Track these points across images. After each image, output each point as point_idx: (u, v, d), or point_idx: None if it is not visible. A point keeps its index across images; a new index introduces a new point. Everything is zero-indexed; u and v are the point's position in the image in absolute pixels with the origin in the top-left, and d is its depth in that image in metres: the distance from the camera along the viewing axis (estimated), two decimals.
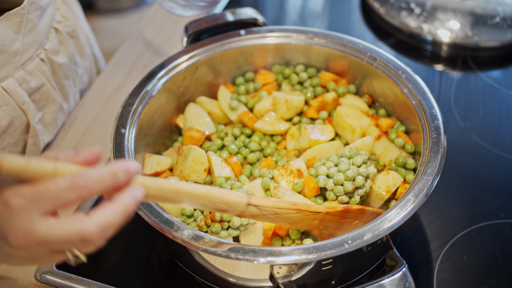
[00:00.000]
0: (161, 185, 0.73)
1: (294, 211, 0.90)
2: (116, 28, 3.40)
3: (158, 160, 1.09)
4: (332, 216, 0.93)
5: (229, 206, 0.82)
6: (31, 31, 1.10)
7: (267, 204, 0.87)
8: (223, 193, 0.81)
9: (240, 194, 0.84)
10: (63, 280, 1.04)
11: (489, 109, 1.34)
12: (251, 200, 0.84)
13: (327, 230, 0.95)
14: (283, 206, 0.89)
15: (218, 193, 0.80)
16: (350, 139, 1.13)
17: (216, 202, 0.80)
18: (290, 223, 0.91)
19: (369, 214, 0.96)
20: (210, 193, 0.79)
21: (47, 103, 1.21)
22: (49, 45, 1.18)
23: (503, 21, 1.49)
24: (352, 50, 1.16)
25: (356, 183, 0.99)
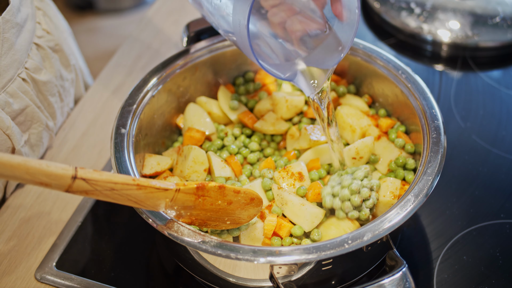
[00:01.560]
0: None
1: (134, 187, 0.81)
2: (116, 28, 3.40)
3: (158, 160, 1.09)
4: (186, 195, 0.85)
5: (51, 179, 0.74)
6: (8, 50, 1.04)
7: (100, 178, 0.78)
8: (43, 164, 0.73)
9: (65, 166, 0.75)
10: (63, 280, 1.04)
11: (489, 109, 1.34)
12: (77, 173, 0.76)
13: (187, 211, 0.88)
14: (120, 181, 0.80)
15: (36, 164, 0.73)
16: (350, 139, 1.13)
17: (35, 174, 0.73)
18: (135, 201, 0.83)
19: (231, 192, 0.89)
20: (26, 163, 0.72)
21: (32, 123, 1.15)
22: (30, 63, 1.11)
23: (503, 21, 1.49)
24: (352, 50, 1.16)
25: (362, 195, 0.98)
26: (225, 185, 0.88)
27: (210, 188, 0.87)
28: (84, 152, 1.26)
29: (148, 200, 0.83)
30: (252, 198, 0.92)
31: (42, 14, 1.20)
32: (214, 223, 0.92)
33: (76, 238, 1.11)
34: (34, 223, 1.14)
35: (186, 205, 0.87)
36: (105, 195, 0.79)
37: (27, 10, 1.11)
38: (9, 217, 1.15)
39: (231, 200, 0.90)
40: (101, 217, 1.16)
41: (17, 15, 1.07)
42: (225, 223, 0.93)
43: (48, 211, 1.16)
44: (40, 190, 1.19)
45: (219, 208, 0.90)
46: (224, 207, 0.90)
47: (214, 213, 0.90)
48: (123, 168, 0.97)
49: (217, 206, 0.89)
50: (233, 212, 0.92)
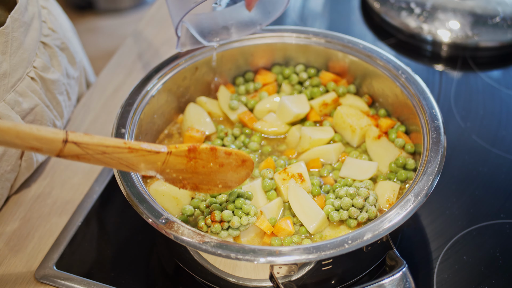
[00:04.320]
0: None
1: (126, 150, 0.80)
2: (116, 28, 3.40)
3: None
4: (178, 157, 0.85)
5: (42, 143, 0.74)
6: (17, 50, 1.05)
7: (91, 142, 0.78)
8: (33, 128, 0.73)
9: (55, 130, 0.75)
10: (63, 280, 1.04)
11: (489, 109, 1.34)
12: (68, 136, 0.75)
13: (179, 174, 0.88)
14: (111, 144, 0.80)
15: (27, 128, 0.73)
16: (350, 139, 1.13)
17: (26, 139, 0.73)
18: (126, 165, 0.82)
19: (223, 153, 0.89)
20: (16, 127, 0.72)
21: (41, 123, 1.14)
22: (38, 62, 1.12)
23: (503, 21, 1.49)
24: (352, 50, 1.16)
25: (361, 194, 0.98)
26: (216, 147, 0.88)
27: (202, 150, 0.86)
28: None
29: (140, 163, 0.83)
30: (244, 160, 0.91)
31: (47, 13, 1.20)
32: (207, 187, 0.92)
33: (76, 238, 1.11)
34: (34, 223, 1.14)
35: (178, 168, 0.86)
36: (96, 159, 0.79)
37: (34, 9, 1.12)
38: (9, 217, 1.15)
39: (223, 162, 0.89)
40: (101, 217, 1.16)
41: (25, 14, 1.07)
42: (217, 186, 0.92)
43: (48, 211, 1.16)
44: (40, 190, 1.19)
45: (211, 171, 0.89)
46: (216, 170, 0.89)
47: (206, 176, 0.90)
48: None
49: (208, 169, 0.89)
50: (225, 175, 0.91)
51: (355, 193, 0.98)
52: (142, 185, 0.95)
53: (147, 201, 0.91)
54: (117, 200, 1.18)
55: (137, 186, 0.94)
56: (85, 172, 1.22)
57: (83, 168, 1.23)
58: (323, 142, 1.12)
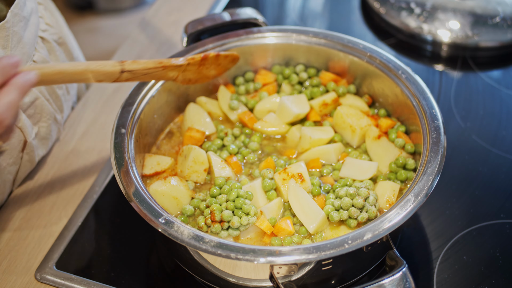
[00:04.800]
0: (45, 70, 0.86)
1: (161, 69, 1.05)
2: (116, 28, 3.40)
3: (158, 160, 1.09)
4: (193, 66, 1.10)
5: (106, 76, 0.97)
6: (17, 44, 1.05)
7: (138, 68, 1.02)
8: (99, 65, 0.95)
9: (115, 63, 0.98)
10: (63, 280, 1.04)
11: (489, 109, 1.34)
12: (124, 67, 0.99)
13: (188, 76, 1.11)
14: (152, 66, 1.04)
15: (95, 67, 0.95)
16: (350, 139, 1.13)
17: (96, 75, 0.95)
18: (159, 77, 1.07)
19: (224, 57, 1.14)
20: (89, 68, 0.94)
21: (41, 116, 1.16)
22: (37, 56, 1.13)
23: (503, 21, 1.49)
24: (352, 50, 1.16)
25: (361, 194, 0.98)
26: (220, 53, 1.13)
27: (210, 57, 1.11)
28: (84, 152, 1.26)
29: (168, 74, 1.08)
30: (234, 58, 1.16)
31: (43, 9, 1.22)
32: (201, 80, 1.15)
33: (76, 238, 1.11)
34: (34, 223, 1.14)
35: (190, 72, 1.11)
36: (141, 78, 1.04)
37: (31, 4, 1.13)
38: (9, 217, 1.15)
39: (220, 63, 1.15)
40: (101, 217, 1.16)
41: (24, 9, 1.08)
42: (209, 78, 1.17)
43: (48, 211, 1.16)
44: (40, 190, 1.19)
45: (211, 69, 1.14)
46: (214, 68, 1.15)
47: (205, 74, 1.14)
48: (123, 168, 0.97)
49: (209, 69, 1.14)
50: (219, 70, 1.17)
51: (355, 193, 0.98)
52: (142, 185, 0.95)
53: (147, 201, 0.91)
54: (117, 200, 1.18)
55: (137, 186, 0.94)
56: (85, 172, 1.22)
57: (83, 168, 1.23)
58: (323, 142, 1.12)
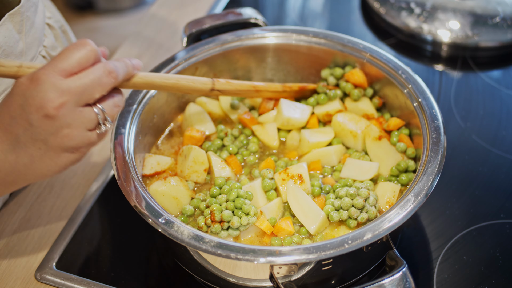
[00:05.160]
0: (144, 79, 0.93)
1: (253, 92, 1.11)
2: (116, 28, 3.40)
3: (158, 160, 1.09)
4: (289, 93, 1.16)
5: (196, 91, 1.03)
6: (30, 29, 1.08)
7: (230, 88, 1.07)
8: (189, 81, 1.00)
9: (206, 82, 1.03)
10: (63, 280, 1.04)
11: (489, 109, 1.34)
12: (214, 86, 1.04)
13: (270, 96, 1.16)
14: (244, 88, 1.09)
15: (185, 83, 1.00)
16: (353, 144, 1.12)
17: (185, 90, 1.01)
18: (250, 96, 1.14)
19: (311, 89, 1.18)
20: (178, 83, 0.99)
21: None
22: (47, 42, 1.17)
23: (503, 21, 1.49)
24: (352, 50, 1.16)
25: (361, 195, 0.98)
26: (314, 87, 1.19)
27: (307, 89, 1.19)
28: None
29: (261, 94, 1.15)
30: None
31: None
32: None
33: (76, 238, 1.11)
34: (34, 223, 1.14)
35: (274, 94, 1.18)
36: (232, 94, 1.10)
37: None
38: (9, 217, 1.15)
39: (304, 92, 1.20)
40: (101, 217, 1.16)
41: None
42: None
43: (48, 211, 1.16)
44: (40, 190, 1.19)
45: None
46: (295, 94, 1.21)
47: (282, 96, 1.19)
48: (123, 168, 0.97)
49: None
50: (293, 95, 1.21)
51: (355, 193, 0.98)
52: (142, 185, 0.95)
53: (147, 201, 0.91)
54: (117, 200, 1.18)
55: (137, 186, 0.94)
56: (85, 172, 1.22)
57: (82, 168, 1.23)
58: (323, 145, 1.12)
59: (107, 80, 0.82)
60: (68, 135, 0.80)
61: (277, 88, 1.15)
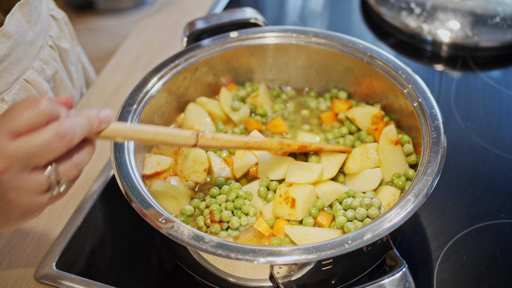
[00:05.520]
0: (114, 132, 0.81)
1: (244, 147, 0.99)
2: (116, 28, 3.40)
3: (158, 160, 1.09)
4: (286, 152, 1.06)
5: (177, 145, 0.97)
6: (38, 18, 1.11)
7: (215, 145, 0.94)
8: (169, 136, 0.87)
9: (187, 136, 0.89)
10: (63, 280, 1.04)
11: (489, 109, 1.34)
12: (198, 142, 0.91)
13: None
14: (233, 145, 0.98)
15: (163, 138, 0.87)
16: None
17: (164, 144, 0.89)
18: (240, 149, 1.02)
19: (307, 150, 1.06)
20: (155, 138, 0.86)
21: (60, 90, 1.22)
22: (53, 32, 1.19)
23: (503, 21, 1.49)
24: (352, 50, 1.16)
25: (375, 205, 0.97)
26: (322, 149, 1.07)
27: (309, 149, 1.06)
28: None
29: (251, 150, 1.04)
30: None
31: None
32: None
33: (76, 238, 1.11)
34: (34, 223, 1.14)
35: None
36: (218, 148, 1.03)
37: None
38: None
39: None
40: (101, 217, 1.16)
41: None
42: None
43: (48, 211, 1.16)
44: None
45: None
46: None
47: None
48: (123, 168, 0.97)
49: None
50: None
51: (370, 204, 0.97)
52: (142, 185, 0.95)
53: (147, 201, 0.91)
54: (117, 200, 1.18)
55: (137, 186, 0.94)
56: (85, 172, 1.22)
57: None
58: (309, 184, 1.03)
59: (58, 145, 0.71)
60: (14, 199, 0.72)
61: (273, 145, 1.02)
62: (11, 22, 1.01)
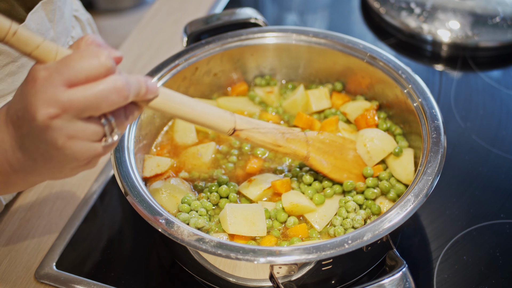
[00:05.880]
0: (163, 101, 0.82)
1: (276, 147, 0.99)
2: (116, 28, 3.40)
3: (157, 161, 1.09)
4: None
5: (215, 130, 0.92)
6: (60, 19, 1.10)
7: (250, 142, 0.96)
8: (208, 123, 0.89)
9: (224, 130, 0.91)
10: (63, 280, 1.04)
11: (489, 109, 1.34)
12: (233, 134, 0.92)
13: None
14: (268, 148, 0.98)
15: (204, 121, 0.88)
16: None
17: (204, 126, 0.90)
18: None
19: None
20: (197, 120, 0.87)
21: None
22: (74, 33, 1.18)
23: (503, 21, 1.49)
24: (352, 50, 1.16)
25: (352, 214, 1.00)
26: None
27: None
28: None
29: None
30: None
31: None
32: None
33: (76, 238, 1.11)
34: (34, 223, 1.14)
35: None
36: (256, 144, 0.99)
37: None
38: (9, 217, 1.15)
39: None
40: (101, 217, 1.16)
41: None
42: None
43: (48, 211, 1.16)
44: (40, 190, 1.19)
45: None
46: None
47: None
48: (123, 168, 0.97)
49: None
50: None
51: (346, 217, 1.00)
52: (142, 185, 0.95)
53: (147, 201, 0.91)
54: (117, 200, 1.18)
55: (137, 186, 0.94)
56: (85, 172, 1.22)
57: None
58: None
59: (114, 98, 0.72)
60: (65, 146, 0.73)
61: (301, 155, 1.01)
62: (33, 19, 1.00)
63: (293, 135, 1.01)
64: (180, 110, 0.84)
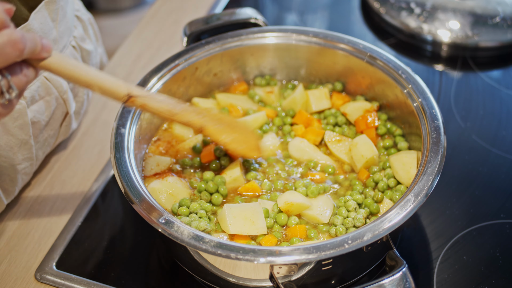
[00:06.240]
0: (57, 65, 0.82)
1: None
2: (116, 28, 3.40)
3: (157, 161, 1.09)
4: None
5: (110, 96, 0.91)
6: (63, 18, 1.10)
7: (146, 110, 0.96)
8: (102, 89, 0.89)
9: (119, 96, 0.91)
10: (63, 280, 1.04)
11: (489, 109, 1.34)
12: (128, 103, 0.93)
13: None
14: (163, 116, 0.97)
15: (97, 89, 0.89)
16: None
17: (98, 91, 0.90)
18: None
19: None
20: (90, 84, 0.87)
21: (79, 90, 1.21)
22: (77, 32, 1.19)
23: (503, 21, 1.49)
24: (352, 50, 1.16)
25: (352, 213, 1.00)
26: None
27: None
28: (84, 152, 1.26)
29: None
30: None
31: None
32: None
33: (76, 238, 1.11)
34: (34, 223, 1.14)
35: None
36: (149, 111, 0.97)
37: None
38: (9, 217, 1.15)
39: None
40: (100, 217, 1.16)
41: None
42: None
43: (48, 211, 1.16)
44: (40, 190, 1.19)
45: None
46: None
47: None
48: (123, 168, 0.97)
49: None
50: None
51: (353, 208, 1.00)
52: (142, 185, 0.95)
53: (147, 201, 0.91)
54: (117, 200, 1.18)
55: (137, 185, 0.94)
56: (85, 172, 1.22)
57: (83, 168, 1.23)
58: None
59: (10, 51, 0.72)
60: None
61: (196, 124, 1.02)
62: (36, 18, 1.01)
63: (187, 107, 1.01)
64: (75, 72, 0.84)
